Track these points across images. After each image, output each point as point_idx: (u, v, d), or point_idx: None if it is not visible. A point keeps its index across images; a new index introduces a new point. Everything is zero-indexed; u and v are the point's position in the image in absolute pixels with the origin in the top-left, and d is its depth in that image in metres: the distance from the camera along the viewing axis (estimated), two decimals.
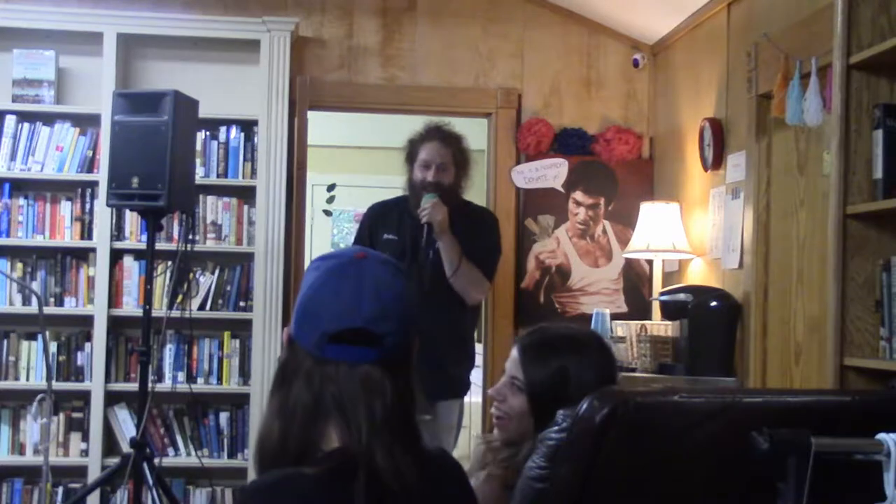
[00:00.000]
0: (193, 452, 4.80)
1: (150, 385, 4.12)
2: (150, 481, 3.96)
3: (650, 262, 5.06)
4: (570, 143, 5.25)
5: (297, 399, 1.56)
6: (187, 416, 4.86)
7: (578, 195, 5.25)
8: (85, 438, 4.76)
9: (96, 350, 4.73)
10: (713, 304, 4.10)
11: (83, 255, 4.83)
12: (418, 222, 4.03)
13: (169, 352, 4.83)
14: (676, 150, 4.95)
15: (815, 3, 3.52)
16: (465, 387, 4.22)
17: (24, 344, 4.80)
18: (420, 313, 1.67)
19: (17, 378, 4.78)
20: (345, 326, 1.54)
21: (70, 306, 4.81)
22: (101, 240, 4.76)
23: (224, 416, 4.86)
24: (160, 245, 4.50)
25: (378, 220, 4.27)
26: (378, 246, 4.09)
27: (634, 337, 4.32)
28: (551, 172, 5.24)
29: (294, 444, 1.55)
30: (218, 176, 4.91)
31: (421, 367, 1.64)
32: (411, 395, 1.61)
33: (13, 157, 4.80)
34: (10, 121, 4.80)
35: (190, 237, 4.46)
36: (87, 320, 4.75)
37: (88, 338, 4.78)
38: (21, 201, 4.82)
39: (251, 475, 4.51)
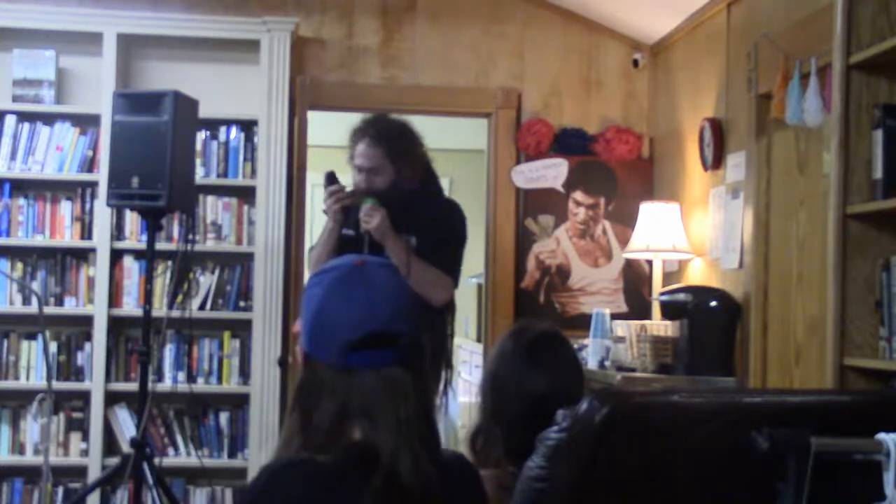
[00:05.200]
0: (193, 452, 4.80)
1: (150, 385, 4.12)
2: (150, 481, 3.96)
3: (650, 262, 5.06)
4: (570, 143, 5.25)
5: (323, 414, 1.57)
6: (187, 416, 4.86)
7: (578, 195, 5.25)
8: (85, 438, 4.76)
9: (96, 350, 4.73)
10: (713, 304, 4.10)
11: (83, 255, 4.83)
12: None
13: (169, 352, 4.83)
14: (676, 150, 4.95)
15: (815, 3, 3.52)
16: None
17: (24, 344, 4.80)
18: None
19: (17, 378, 4.78)
20: (365, 332, 1.56)
21: (70, 306, 4.81)
22: (101, 240, 4.76)
23: (224, 416, 4.86)
24: (160, 245, 4.50)
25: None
26: (340, 243, 3.89)
27: (634, 337, 4.31)
28: (551, 172, 5.24)
29: (315, 450, 1.56)
30: (218, 176, 4.91)
31: None
32: (428, 394, 1.64)
33: (13, 157, 4.81)
34: (10, 121, 4.80)
35: (190, 237, 4.47)
36: (87, 320, 4.75)
37: (88, 338, 4.78)
38: (21, 201, 4.82)
39: (251, 475, 4.52)
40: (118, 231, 4.83)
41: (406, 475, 1.51)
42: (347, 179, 4.02)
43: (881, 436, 1.87)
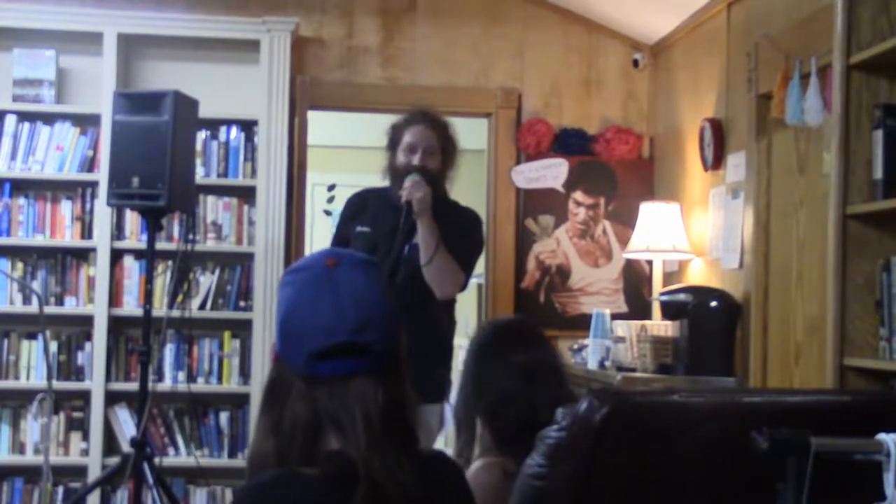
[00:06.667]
0: (193, 452, 4.80)
1: (150, 385, 4.12)
2: (151, 481, 3.96)
3: (650, 263, 5.07)
4: (570, 143, 5.25)
5: (293, 418, 1.54)
6: (187, 416, 4.86)
7: (578, 195, 5.25)
8: (85, 438, 4.76)
9: (96, 350, 4.73)
10: (713, 304, 4.10)
11: (83, 255, 4.83)
12: (396, 212, 3.70)
13: (169, 351, 4.83)
14: (676, 150, 4.95)
15: (815, 3, 3.52)
16: (445, 390, 3.84)
17: (25, 343, 4.80)
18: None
19: (17, 378, 4.78)
20: (330, 343, 1.52)
21: (70, 306, 4.81)
22: (101, 239, 4.76)
23: (224, 416, 4.86)
24: (160, 245, 4.50)
25: (354, 211, 4.02)
26: (351, 238, 3.89)
27: (634, 337, 4.31)
28: (551, 172, 5.24)
29: (293, 459, 1.55)
30: (218, 176, 4.91)
31: None
32: (405, 397, 1.60)
33: (13, 156, 4.80)
34: (10, 120, 4.80)
35: (190, 237, 4.46)
36: (88, 320, 4.75)
37: (89, 337, 4.78)
38: (21, 201, 4.82)
39: None
40: (118, 231, 4.83)
41: (381, 482, 1.50)
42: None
43: (881, 436, 1.88)
